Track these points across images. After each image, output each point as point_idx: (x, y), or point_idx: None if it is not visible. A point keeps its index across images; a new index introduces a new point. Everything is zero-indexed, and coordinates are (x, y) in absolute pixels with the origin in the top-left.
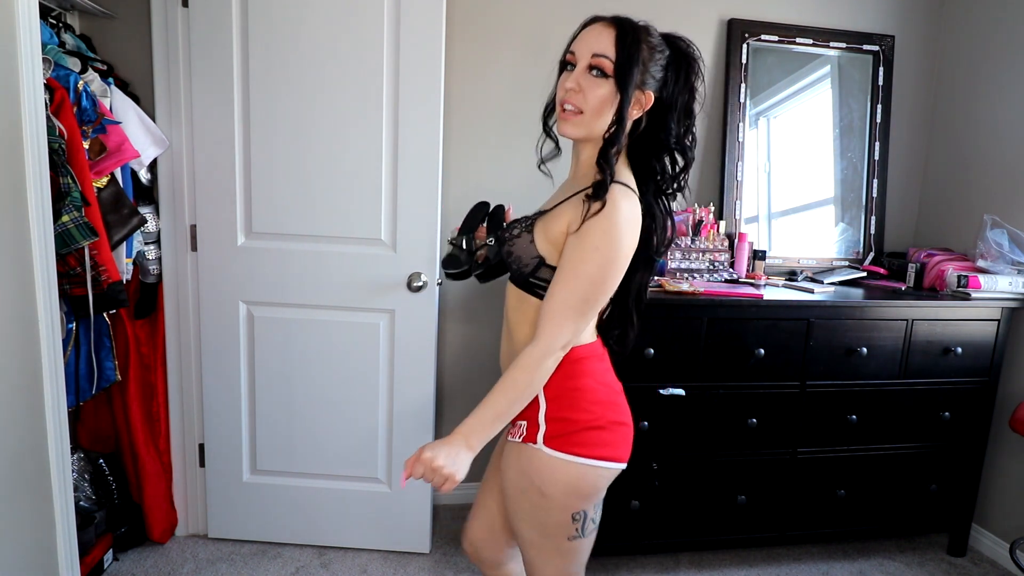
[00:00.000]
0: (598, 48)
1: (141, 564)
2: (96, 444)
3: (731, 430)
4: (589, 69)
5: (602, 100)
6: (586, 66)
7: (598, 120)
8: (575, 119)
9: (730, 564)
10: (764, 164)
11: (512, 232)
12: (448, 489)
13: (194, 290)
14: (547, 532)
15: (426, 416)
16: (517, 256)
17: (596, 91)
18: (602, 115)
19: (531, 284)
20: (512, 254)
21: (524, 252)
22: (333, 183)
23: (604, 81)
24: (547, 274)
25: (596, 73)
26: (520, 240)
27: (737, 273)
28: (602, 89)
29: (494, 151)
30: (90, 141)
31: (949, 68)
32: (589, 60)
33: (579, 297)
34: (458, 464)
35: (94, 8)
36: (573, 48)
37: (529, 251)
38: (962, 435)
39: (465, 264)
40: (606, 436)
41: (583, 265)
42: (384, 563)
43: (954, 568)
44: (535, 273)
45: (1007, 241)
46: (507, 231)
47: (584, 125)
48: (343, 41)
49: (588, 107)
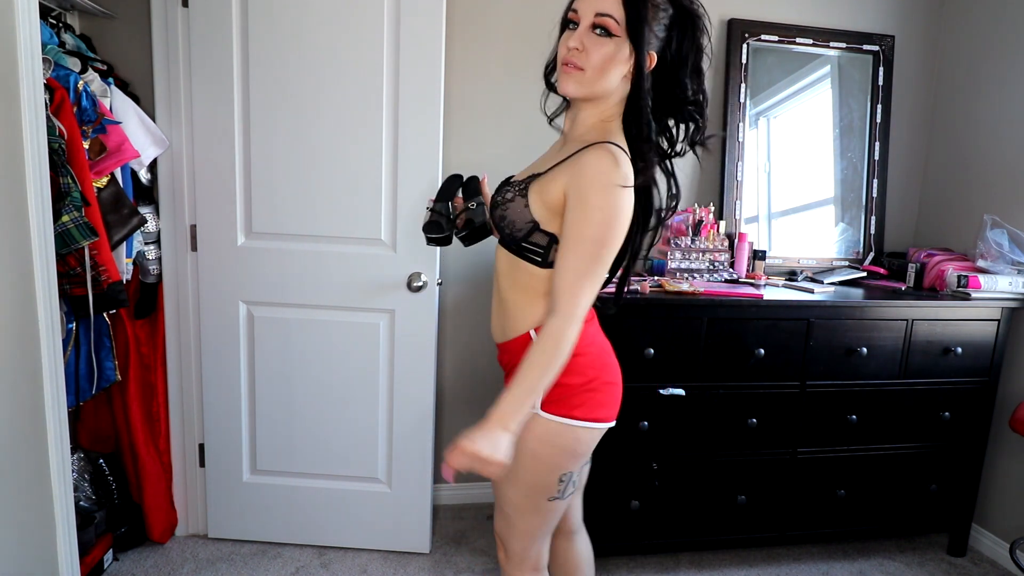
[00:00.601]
0: (602, 7)
1: (141, 564)
2: (96, 444)
3: (731, 430)
4: (592, 28)
5: (605, 59)
6: (589, 25)
7: (600, 79)
8: (577, 75)
9: (730, 564)
10: (764, 164)
11: (505, 196)
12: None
13: (194, 290)
14: (532, 492)
15: (426, 416)
16: (511, 220)
17: (599, 50)
18: (605, 75)
19: (523, 249)
20: (505, 218)
21: (518, 216)
22: (333, 183)
23: (608, 40)
24: (540, 239)
25: (600, 32)
26: (514, 204)
27: (737, 273)
28: (605, 48)
29: (494, 151)
30: (90, 141)
31: (949, 68)
32: (592, 19)
33: (589, 259)
34: (500, 449)
35: (94, 8)
36: (576, 6)
37: (523, 215)
38: (962, 435)
39: (447, 229)
40: (599, 397)
41: (588, 228)
42: (384, 563)
43: (954, 568)
44: (528, 238)
45: (1007, 241)
46: (499, 194)
47: (586, 83)
48: (343, 41)
49: (591, 66)
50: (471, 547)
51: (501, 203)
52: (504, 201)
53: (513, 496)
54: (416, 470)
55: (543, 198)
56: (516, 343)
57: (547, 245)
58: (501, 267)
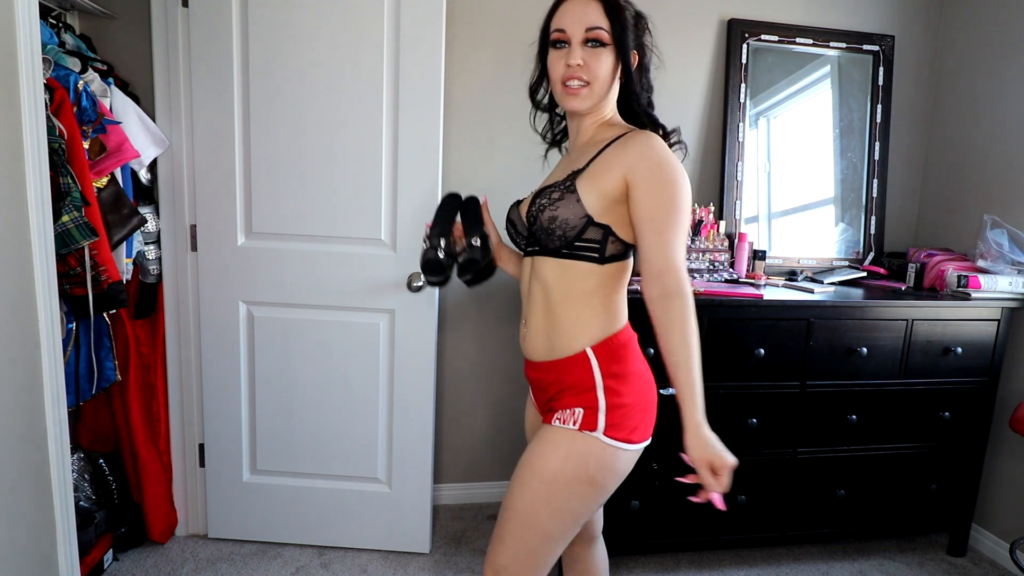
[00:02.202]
0: (590, 21)
1: (141, 564)
2: (96, 444)
3: (731, 430)
4: (586, 43)
5: (607, 68)
6: (582, 40)
7: (606, 89)
8: (584, 92)
9: (730, 564)
10: (764, 164)
11: (551, 197)
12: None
13: (194, 290)
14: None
15: (426, 416)
16: (563, 219)
17: (599, 60)
18: (609, 83)
19: (577, 248)
20: (557, 218)
21: (571, 213)
22: (333, 183)
23: (604, 50)
24: (595, 233)
25: (593, 44)
26: (564, 202)
27: (737, 273)
28: (604, 57)
29: (495, 150)
30: (90, 141)
31: (949, 68)
32: (584, 35)
33: (681, 231)
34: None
35: (94, 8)
36: (561, 26)
37: (576, 210)
38: (962, 435)
39: (448, 269)
40: (648, 418)
41: (672, 202)
42: (384, 563)
43: (954, 568)
44: (582, 235)
45: (1007, 241)
46: (542, 198)
47: (594, 96)
48: (343, 41)
49: (597, 77)
50: (471, 547)
51: (548, 205)
52: (551, 202)
53: (546, 523)
54: (416, 470)
55: (599, 189)
56: (569, 363)
57: (603, 238)
58: (549, 279)
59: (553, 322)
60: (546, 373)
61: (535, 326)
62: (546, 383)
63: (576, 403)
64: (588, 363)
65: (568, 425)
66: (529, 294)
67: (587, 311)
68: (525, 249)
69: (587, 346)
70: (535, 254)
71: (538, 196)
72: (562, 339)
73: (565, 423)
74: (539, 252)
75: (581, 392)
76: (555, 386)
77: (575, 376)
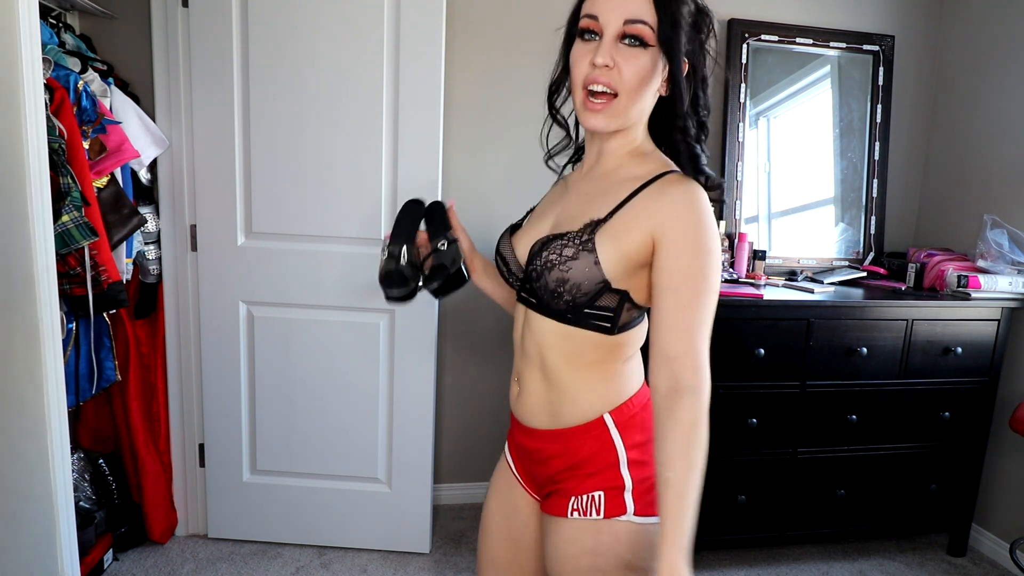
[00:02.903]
0: (631, 12)
1: (141, 564)
2: (96, 444)
3: (731, 430)
4: (622, 38)
5: (642, 76)
6: (617, 34)
7: (636, 103)
8: (609, 107)
9: (730, 564)
10: (764, 164)
11: (562, 254)
12: None
13: (194, 290)
14: None
15: (426, 416)
16: (575, 283)
17: (635, 64)
18: (640, 96)
19: (586, 316)
20: (567, 281)
21: (585, 277)
22: (333, 183)
23: (642, 52)
24: (610, 300)
25: (630, 42)
26: (578, 263)
27: (737, 273)
28: (641, 61)
29: (495, 151)
30: (90, 141)
31: (949, 68)
32: (622, 27)
33: (708, 311)
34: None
35: (94, 8)
36: (593, 12)
37: (592, 275)
38: (962, 435)
39: (412, 280)
40: None
41: (704, 276)
42: (384, 563)
43: (954, 568)
44: (594, 302)
45: (1007, 241)
46: (548, 253)
47: (620, 113)
48: (343, 41)
49: (625, 87)
50: (471, 547)
51: (558, 263)
52: (562, 260)
53: None
54: (416, 470)
55: (622, 250)
56: (580, 432)
57: (618, 305)
58: (547, 341)
59: (554, 387)
60: (547, 443)
61: (532, 388)
62: (546, 455)
63: (594, 485)
64: (607, 433)
65: (591, 516)
66: (522, 347)
67: (595, 375)
68: (518, 292)
69: (604, 412)
70: (530, 307)
71: (544, 247)
72: (567, 406)
73: (586, 514)
74: (536, 308)
75: (600, 470)
76: (561, 460)
77: (589, 448)
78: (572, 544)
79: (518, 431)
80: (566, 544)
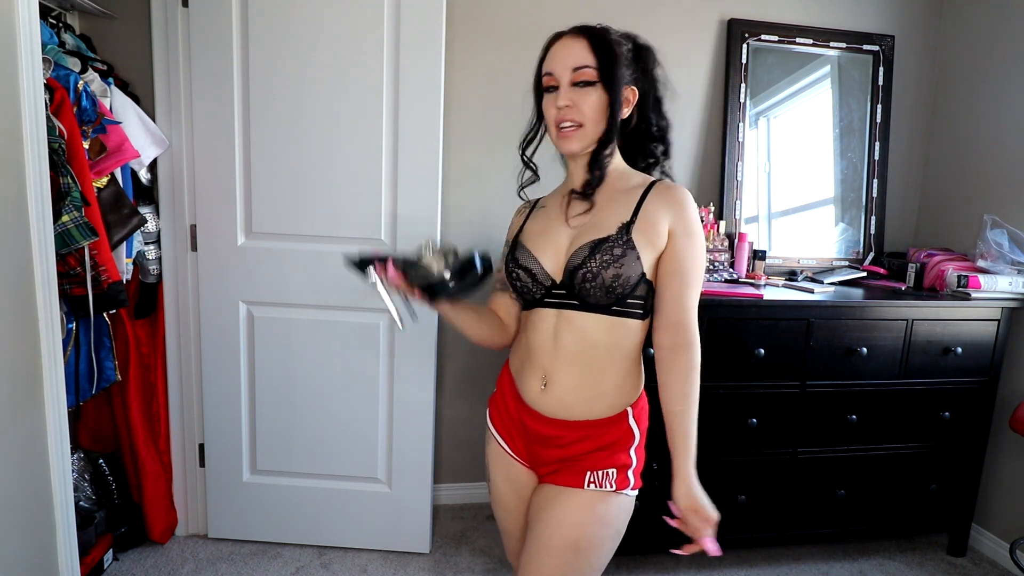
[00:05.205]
0: (575, 61)
1: (141, 564)
2: (96, 444)
3: (731, 430)
4: (574, 84)
5: (597, 107)
6: (569, 81)
7: (599, 127)
8: (578, 133)
9: (730, 564)
10: (764, 164)
11: (612, 253)
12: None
13: (194, 290)
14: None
15: (426, 416)
16: (626, 278)
17: (589, 100)
18: (601, 121)
19: (628, 305)
20: (620, 276)
21: (632, 271)
22: (333, 183)
23: (592, 89)
24: (643, 289)
25: (581, 85)
26: (627, 259)
27: (737, 273)
28: (593, 96)
29: (495, 152)
30: (90, 141)
31: (949, 68)
32: (571, 76)
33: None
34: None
35: (94, 8)
36: (549, 70)
37: (635, 268)
38: (962, 435)
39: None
40: None
41: (700, 258)
42: (384, 563)
43: (954, 568)
44: (634, 292)
45: (1007, 241)
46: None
47: (588, 136)
48: (343, 40)
49: (587, 117)
50: (471, 547)
51: (612, 262)
52: (615, 259)
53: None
54: (416, 470)
55: (653, 244)
56: (608, 423)
57: (647, 294)
58: (594, 336)
59: (599, 381)
60: (571, 431)
61: (566, 384)
62: (568, 441)
63: (611, 463)
64: (627, 422)
65: (605, 488)
66: (555, 346)
67: (629, 368)
68: (542, 299)
69: (627, 406)
70: (566, 307)
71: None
72: (608, 398)
73: (601, 486)
74: (578, 307)
75: (618, 451)
76: (582, 445)
77: (613, 435)
78: (584, 511)
79: (533, 420)
80: (578, 510)
